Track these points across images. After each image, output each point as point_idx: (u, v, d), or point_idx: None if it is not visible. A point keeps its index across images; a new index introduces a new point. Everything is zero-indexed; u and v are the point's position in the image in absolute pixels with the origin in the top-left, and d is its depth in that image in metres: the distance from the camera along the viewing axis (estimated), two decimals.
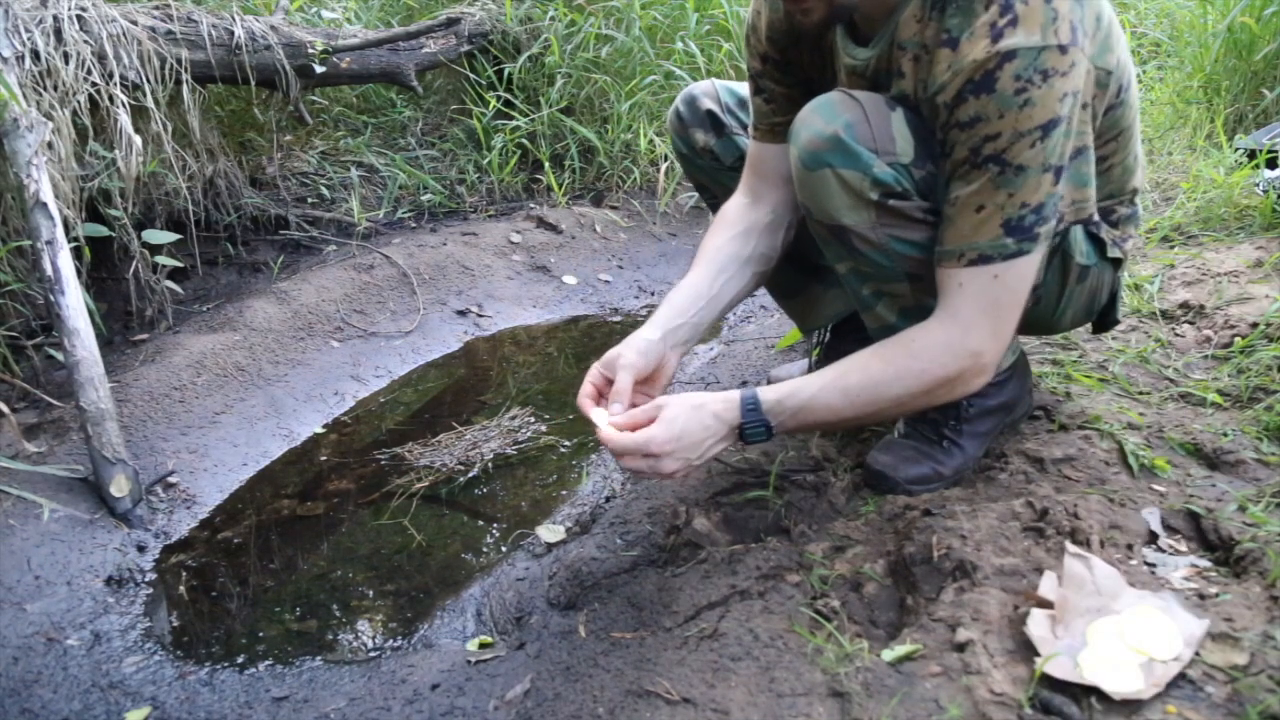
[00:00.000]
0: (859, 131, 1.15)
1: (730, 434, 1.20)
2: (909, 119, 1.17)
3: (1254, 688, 0.90)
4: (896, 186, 1.16)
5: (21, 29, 2.14)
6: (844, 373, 1.18)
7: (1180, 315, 1.90)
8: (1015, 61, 1.02)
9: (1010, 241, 1.10)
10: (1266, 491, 1.24)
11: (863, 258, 1.24)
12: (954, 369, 1.15)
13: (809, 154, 1.18)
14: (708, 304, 1.36)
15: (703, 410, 1.17)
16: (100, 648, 1.44)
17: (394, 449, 2.03)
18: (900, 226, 1.19)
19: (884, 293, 1.28)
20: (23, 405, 1.98)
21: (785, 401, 1.18)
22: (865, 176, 1.15)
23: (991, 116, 1.05)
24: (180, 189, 2.57)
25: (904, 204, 1.17)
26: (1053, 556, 1.12)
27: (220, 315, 2.43)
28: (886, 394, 1.17)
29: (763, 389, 1.20)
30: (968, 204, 1.11)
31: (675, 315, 1.34)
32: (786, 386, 1.19)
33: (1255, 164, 2.50)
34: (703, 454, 1.18)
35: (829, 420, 1.21)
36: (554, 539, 1.61)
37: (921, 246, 1.20)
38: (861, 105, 1.16)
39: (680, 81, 3.45)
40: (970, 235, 1.11)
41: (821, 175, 1.18)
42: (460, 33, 3.47)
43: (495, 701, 1.19)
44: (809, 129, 1.18)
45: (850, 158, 1.15)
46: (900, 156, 1.16)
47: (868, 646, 1.06)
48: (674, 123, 1.62)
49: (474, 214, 3.38)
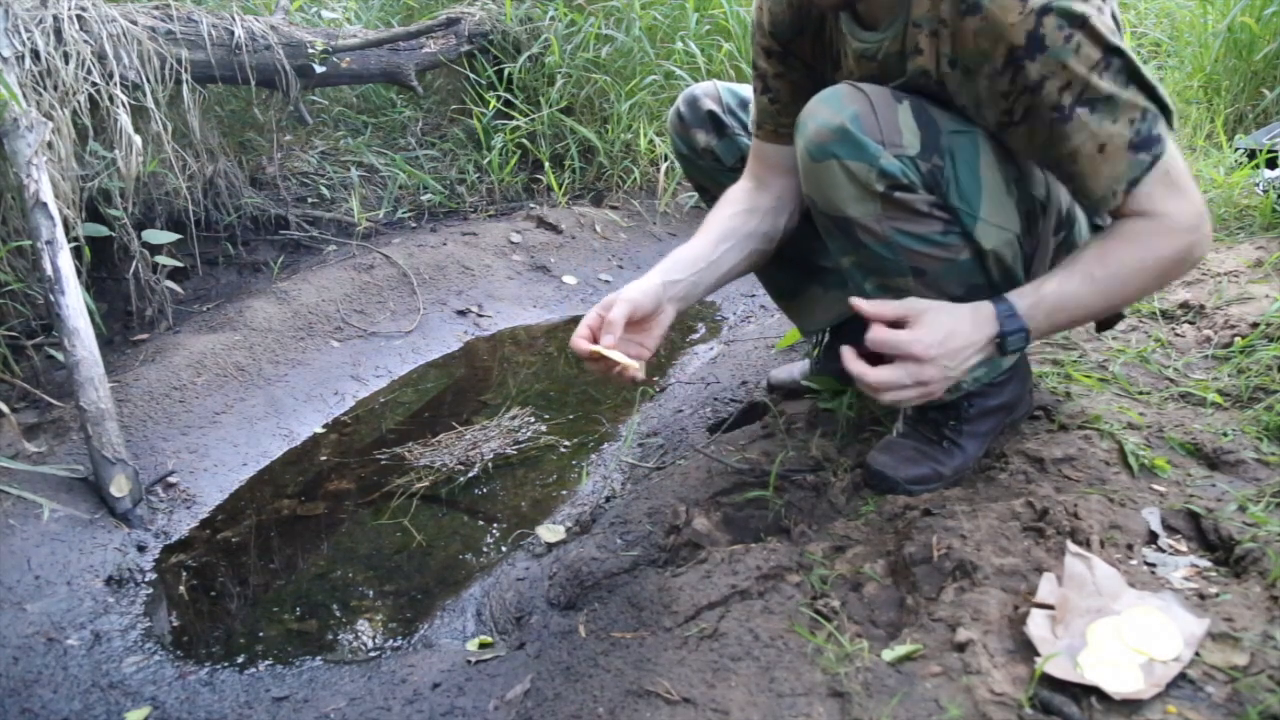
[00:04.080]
0: (866, 123, 1.15)
1: (988, 345, 1.13)
2: (916, 111, 1.17)
3: (1254, 688, 0.90)
4: (903, 179, 1.16)
5: (21, 29, 2.14)
6: (1084, 266, 1.14)
7: (1180, 315, 1.90)
8: (1051, 14, 1.03)
9: (1145, 156, 1.08)
10: (1266, 491, 1.24)
11: (867, 250, 1.23)
12: (1182, 245, 1.12)
13: (815, 145, 1.18)
14: (708, 267, 1.36)
15: (959, 318, 1.12)
16: (100, 648, 1.44)
17: (394, 449, 2.03)
18: (905, 219, 1.19)
19: (887, 287, 1.27)
20: (23, 405, 1.98)
21: (1039, 305, 1.13)
22: (871, 168, 1.15)
23: (1056, 72, 1.05)
24: (180, 189, 2.57)
25: (910, 196, 1.17)
26: (1053, 556, 1.12)
27: (220, 315, 2.43)
28: (1131, 282, 1.13)
29: (1011, 295, 1.16)
30: (1086, 151, 1.09)
31: (675, 269, 1.33)
32: (1030, 290, 1.15)
33: (1255, 164, 2.50)
34: (961, 365, 1.12)
35: (1076, 317, 1.18)
36: (554, 539, 1.61)
37: (925, 240, 1.20)
38: (869, 97, 1.16)
39: (680, 81, 3.45)
40: (1110, 174, 1.09)
41: (828, 166, 1.18)
42: (460, 33, 3.48)
43: (495, 701, 1.19)
44: (816, 120, 1.18)
45: (857, 149, 1.15)
46: (907, 149, 1.16)
47: (868, 646, 1.06)
48: (675, 123, 1.62)
49: (474, 214, 3.38)
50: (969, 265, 1.23)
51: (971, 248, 1.21)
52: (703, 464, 1.59)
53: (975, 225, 1.19)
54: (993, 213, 1.20)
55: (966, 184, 1.18)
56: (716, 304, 2.93)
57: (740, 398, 1.95)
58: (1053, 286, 1.14)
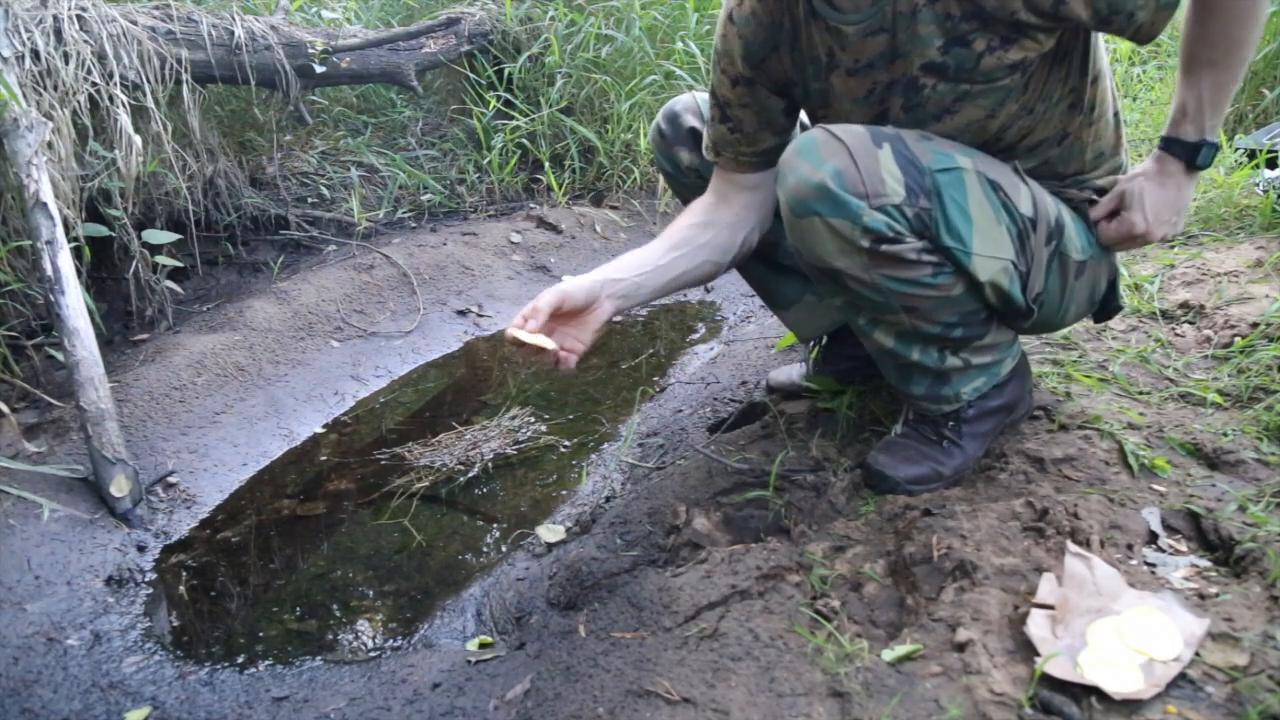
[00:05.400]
0: (847, 178, 1.14)
1: (1188, 180, 1.26)
2: (897, 154, 1.15)
3: (1254, 688, 0.90)
4: (888, 232, 1.15)
5: (21, 29, 2.14)
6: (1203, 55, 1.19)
7: (1180, 315, 1.90)
8: None
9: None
10: (1266, 491, 1.24)
11: (857, 295, 1.23)
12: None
13: (797, 201, 1.18)
14: (654, 270, 1.36)
15: (1152, 184, 1.26)
16: (100, 648, 1.44)
17: (394, 449, 2.03)
18: (894, 268, 1.18)
19: (881, 321, 1.28)
20: (23, 405, 1.98)
21: (1193, 111, 1.21)
22: (855, 225, 1.15)
23: None
24: (180, 189, 2.57)
25: (897, 248, 1.16)
26: (1053, 556, 1.12)
27: (220, 315, 2.43)
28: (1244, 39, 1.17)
29: (1175, 132, 1.24)
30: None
31: (618, 269, 1.34)
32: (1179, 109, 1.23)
33: (1255, 164, 2.50)
34: (1177, 215, 1.28)
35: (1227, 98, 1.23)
36: (554, 539, 1.61)
37: (915, 283, 1.19)
38: (847, 147, 1.15)
39: (680, 81, 3.45)
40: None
41: (810, 223, 1.17)
42: (460, 33, 3.48)
43: (495, 701, 1.19)
44: (795, 174, 1.17)
45: (838, 206, 1.14)
46: (890, 197, 1.14)
47: (868, 646, 1.06)
48: (657, 140, 1.59)
49: (474, 214, 3.38)
50: (963, 297, 1.23)
51: (966, 281, 1.22)
52: (703, 464, 1.59)
53: (970, 261, 1.19)
54: (986, 245, 1.19)
55: (957, 221, 1.17)
56: (716, 304, 2.94)
57: (740, 398, 1.95)
58: (1192, 97, 1.21)
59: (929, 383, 1.34)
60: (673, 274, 1.38)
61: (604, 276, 1.32)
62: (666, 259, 1.37)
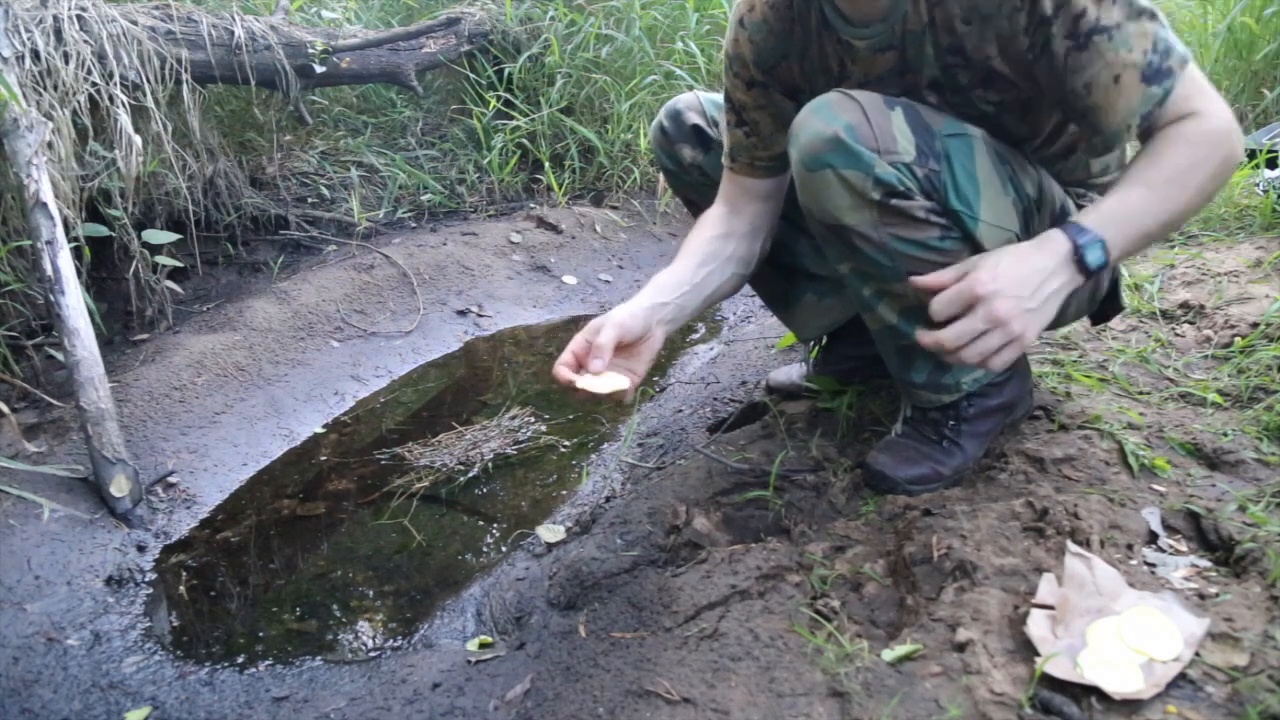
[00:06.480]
0: (860, 132, 1.15)
1: (1066, 266, 1.05)
2: (909, 116, 1.17)
3: (1254, 688, 0.90)
4: (899, 186, 1.16)
5: (21, 29, 2.14)
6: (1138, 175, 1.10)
7: (1180, 315, 1.90)
8: None
9: (1157, 90, 1.07)
10: (1266, 491, 1.24)
11: (864, 257, 1.23)
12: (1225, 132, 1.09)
13: (809, 155, 1.18)
14: (692, 289, 1.35)
15: (1018, 249, 1.07)
16: (100, 648, 1.44)
17: (394, 449, 2.03)
18: (902, 226, 1.19)
19: (885, 293, 1.27)
20: (23, 405, 1.98)
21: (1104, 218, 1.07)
22: (867, 176, 1.15)
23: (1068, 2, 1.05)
24: (180, 189, 2.57)
25: (906, 203, 1.17)
26: (1053, 556, 1.12)
27: (220, 315, 2.43)
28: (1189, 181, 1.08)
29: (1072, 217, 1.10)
30: (1102, 83, 1.08)
31: (661, 293, 1.32)
32: (1090, 210, 1.10)
33: (1255, 164, 2.50)
34: (1037, 294, 1.04)
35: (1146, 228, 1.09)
36: (554, 539, 1.61)
37: (923, 245, 1.20)
38: (861, 105, 1.16)
39: (680, 81, 3.45)
40: (1124, 107, 1.09)
41: (823, 176, 1.18)
42: (460, 33, 3.48)
43: (495, 701, 1.19)
44: (808, 131, 1.18)
45: (851, 158, 1.15)
46: (902, 155, 1.15)
47: (868, 646, 1.06)
48: (658, 138, 1.59)
49: (474, 214, 3.38)
50: None
51: (971, 250, 1.21)
52: (703, 464, 1.59)
53: (977, 227, 1.19)
54: (992, 213, 1.20)
55: (965, 186, 1.18)
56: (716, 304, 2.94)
57: (740, 398, 1.95)
58: (1111, 202, 1.09)
59: (929, 369, 1.34)
60: (708, 290, 1.38)
61: (650, 302, 1.29)
62: (700, 276, 1.36)
